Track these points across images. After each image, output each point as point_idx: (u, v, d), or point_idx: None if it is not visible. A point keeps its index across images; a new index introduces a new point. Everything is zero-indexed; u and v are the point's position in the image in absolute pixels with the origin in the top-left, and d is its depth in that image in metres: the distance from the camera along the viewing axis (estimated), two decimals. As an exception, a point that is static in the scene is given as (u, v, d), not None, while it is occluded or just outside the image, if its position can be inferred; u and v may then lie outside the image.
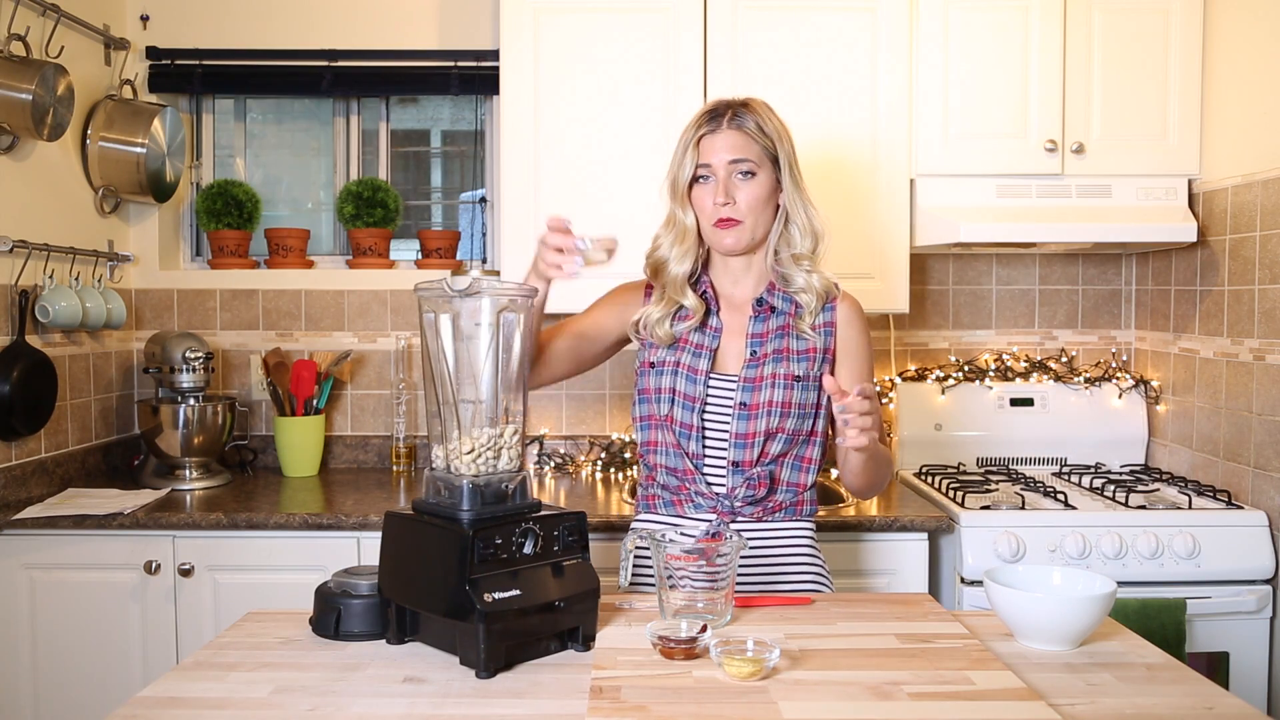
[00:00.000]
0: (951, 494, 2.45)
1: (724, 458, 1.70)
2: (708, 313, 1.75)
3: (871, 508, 2.36)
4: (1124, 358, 2.98)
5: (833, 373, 1.73)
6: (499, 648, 1.25)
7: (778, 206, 1.72)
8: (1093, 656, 1.33)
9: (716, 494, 1.70)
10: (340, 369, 2.90)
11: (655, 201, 2.54)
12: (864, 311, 1.79)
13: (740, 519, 1.70)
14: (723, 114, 1.69)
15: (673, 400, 1.71)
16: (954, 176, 2.59)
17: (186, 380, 2.68)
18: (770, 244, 1.73)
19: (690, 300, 1.73)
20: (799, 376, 1.69)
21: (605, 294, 1.86)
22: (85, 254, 2.64)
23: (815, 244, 1.71)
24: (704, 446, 1.70)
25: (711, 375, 1.71)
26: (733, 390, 1.70)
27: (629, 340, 1.84)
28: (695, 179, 1.70)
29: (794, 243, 1.71)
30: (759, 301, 1.74)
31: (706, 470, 1.71)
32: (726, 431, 1.69)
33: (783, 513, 1.73)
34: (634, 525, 1.80)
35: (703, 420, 1.70)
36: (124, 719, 1.12)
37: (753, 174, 1.67)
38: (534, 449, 2.91)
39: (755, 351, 1.71)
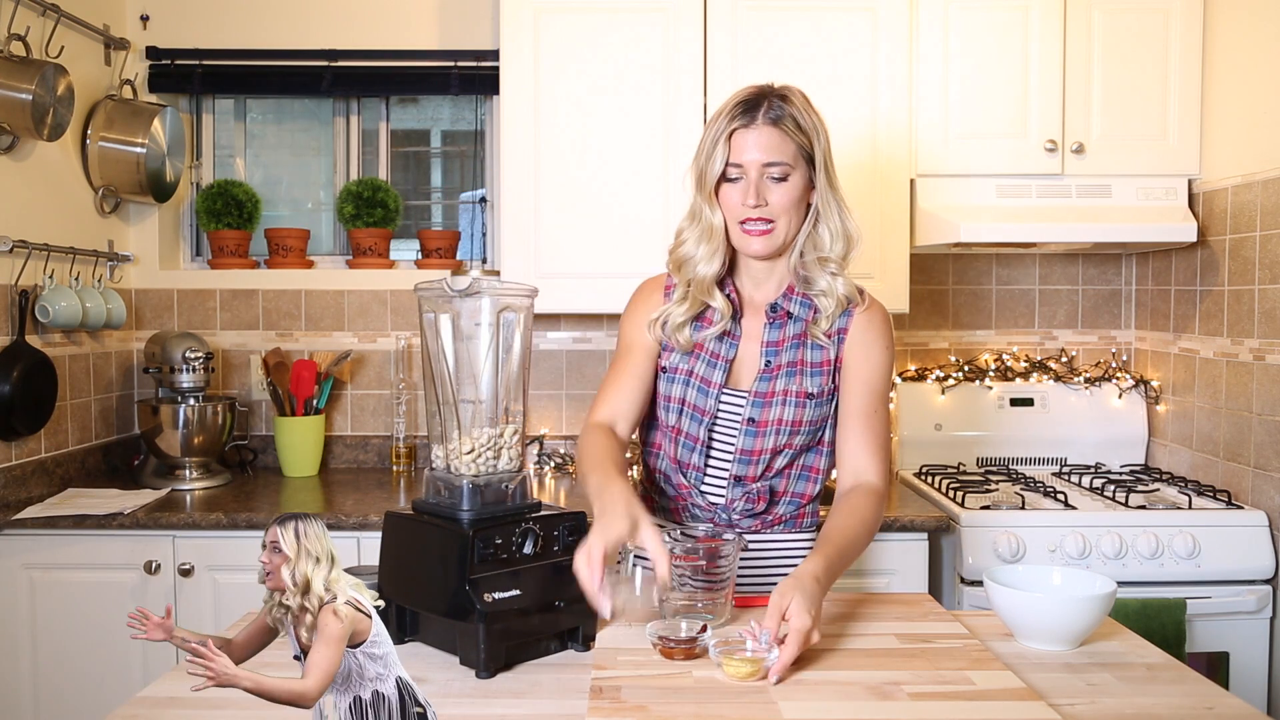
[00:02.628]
0: (951, 494, 2.45)
1: (727, 471, 1.64)
2: (732, 317, 1.64)
3: (871, 508, 2.36)
4: (1124, 358, 2.98)
5: (836, 382, 1.63)
6: (499, 648, 1.25)
7: (809, 205, 1.59)
8: (1093, 656, 1.33)
9: (714, 505, 1.65)
10: (340, 369, 2.90)
11: (655, 201, 2.56)
12: (887, 321, 1.65)
13: (737, 530, 1.65)
14: (759, 105, 1.53)
15: (681, 410, 1.63)
16: (954, 176, 2.59)
17: (186, 380, 2.68)
18: (797, 245, 1.60)
19: (718, 302, 1.61)
20: (812, 394, 1.60)
21: (631, 319, 1.70)
22: (85, 254, 2.64)
23: (847, 249, 1.59)
24: (707, 460, 1.64)
25: (724, 390, 1.62)
26: (742, 406, 1.62)
27: None
28: (725, 176, 1.56)
29: (822, 245, 1.59)
30: (773, 307, 1.63)
31: (706, 484, 1.65)
32: (732, 446, 1.62)
33: (782, 526, 1.68)
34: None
35: (710, 435, 1.63)
36: (124, 719, 1.12)
37: (785, 176, 1.54)
38: (534, 449, 2.91)
39: (770, 362, 1.61)
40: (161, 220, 2.96)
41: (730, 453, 1.63)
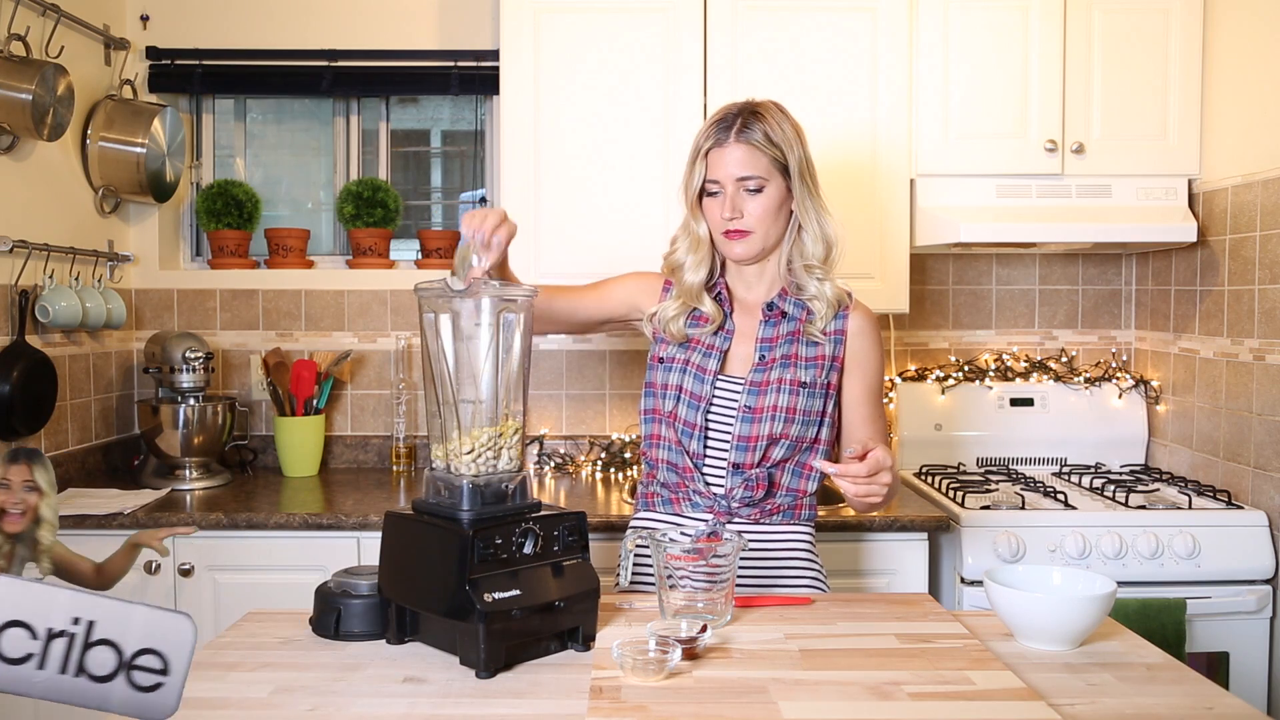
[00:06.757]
0: (951, 494, 2.45)
1: (725, 459, 1.69)
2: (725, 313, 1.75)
3: (871, 508, 2.36)
4: (1124, 358, 2.98)
5: (840, 382, 1.73)
6: (499, 648, 1.25)
7: (790, 213, 1.71)
8: (1093, 656, 1.33)
9: (714, 494, 1.70)
10: (340, 369, 2.90)
11: (655, 201, 2.56)
12: (877, 322, 1.77)
13: (737, 520, 1.70)
14: (731, 124, 1.66)
15: (679, 398, 1.70)
16: (954, 176, 2.59)
17: (186, 380, 2.68)
18: (784, 251, 1.72)
19: (708, 307, 1.73)
20: (805, 383, 1.68)
21: (623, 277, 1.85)
22: (85, 254, 2.64)
23: (828, 251, 1.70)
24: (705, 446, 1.70)
25: (719, 376, 1.71)
26: (738, 393, 1.69)
27: (627, 325, 1.85)
28: (706, 191, 1.69)
29: (806, 251, 1.70)
30: (769, 306, 1.73)
31: (706, 470, 1.70)
32: (729, 433, 1.68)
33: (780, 515, 1.72)
34: (632, 523, 1.81)
35: (707, 420, 1.69)
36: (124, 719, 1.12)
37: (760, 188, 1.66)
38: (534, 449, 2.91)
39: (764, 356, 1.71)
40: (161, 220, 2.96)
41: (728, 439, 1.69)
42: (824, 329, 1.71)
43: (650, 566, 1.71)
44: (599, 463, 2.89)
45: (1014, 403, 2.88)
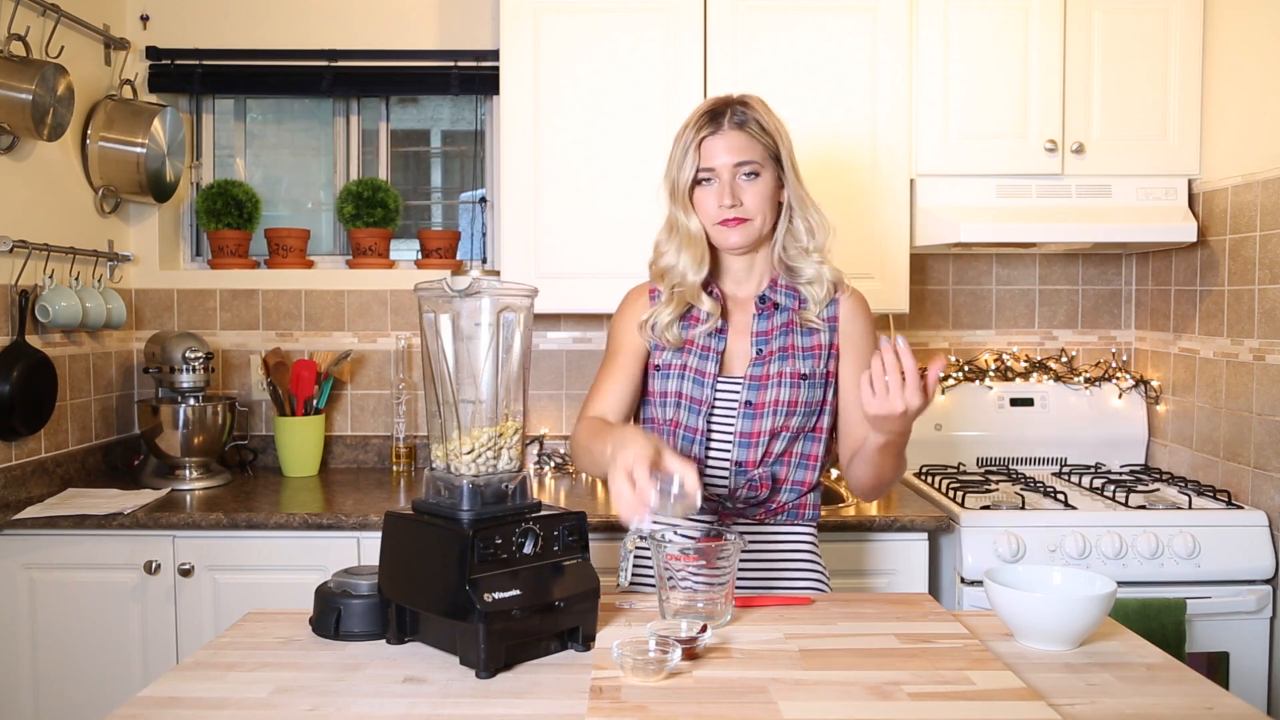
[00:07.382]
0: (951, 494, 2.45)
1: (728, 458, 1.68)
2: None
3: (872, 508, 2.36)
4: (1124, 358, 2.98)
5: (836, 367, 1.71)
6: (499, 648, 1.25)
7: (781, 204, 1.70)
8: (1093, 656, 1.33)
9: (718, 496, 1.69)
10: (340, 369, 2.90)
11: (655, 202, 2.55)
12: (869, 306, 1.76)
13: (741, 521, 1.69)
14: (722, 113, 1.64)
15: (679, 404, 1.68)
16: (954, 176, 2.59)
17: (186, 380, 2.68)
18: (776, 242, 1.71)
19: (706, 304, 1.69)
20: (805, 375, 1.67)
21: (620, 324, 1.76)
22: (85, 254, 2.64)
23: (827, 237, 1.69)
24: (707, 450, 1.68)
25: (718, 379, 1.69)
26: (739, 391, 1.68)
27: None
28: (697, 182, 1.66)
29: (800, 238, 1.68)
30: (761, 299, 1.72)
31: (708, 474, 1.69)
32: (731, 431, 1.67)
33: (784, 515, 1.72)
34: (633, 524, 1.80)
35: (709, 424, 1.68)
36: (124, 719, 1.12)
37: (757, 174, 1.64)
38: (534, 449, 2.91)
39: (761, 349, 1.69)
40: (161, 220, 2.96)
41: (730, 437, 1.68)
42: (818, 315, 1.69)
43: (650, 566, 1.71)
44: (599, 463, 2.88)
45: (1014, 403, 2.88)
